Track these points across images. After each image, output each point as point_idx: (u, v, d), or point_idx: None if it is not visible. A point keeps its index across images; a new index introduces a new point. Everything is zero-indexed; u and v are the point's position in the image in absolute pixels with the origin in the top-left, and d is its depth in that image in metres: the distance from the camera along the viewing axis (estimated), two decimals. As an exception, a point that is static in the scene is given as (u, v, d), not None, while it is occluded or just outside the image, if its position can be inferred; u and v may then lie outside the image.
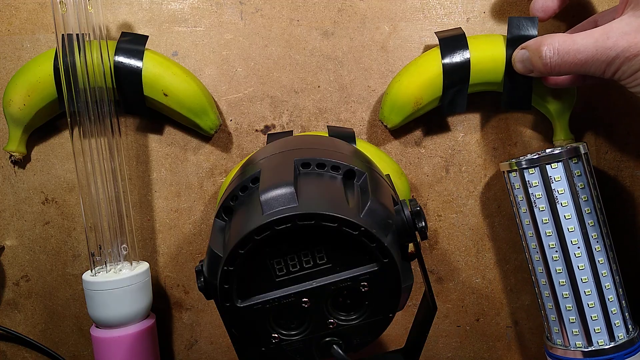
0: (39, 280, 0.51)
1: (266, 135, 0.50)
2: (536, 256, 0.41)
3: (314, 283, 0.29)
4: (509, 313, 0.52)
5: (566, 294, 0.39)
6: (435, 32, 0.47)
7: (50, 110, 0.47)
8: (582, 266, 0.38)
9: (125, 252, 0.46)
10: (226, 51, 0.50)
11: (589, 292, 0.38)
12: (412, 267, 0.31)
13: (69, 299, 0.51)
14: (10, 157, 0.49)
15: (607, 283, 0.39)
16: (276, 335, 0.30)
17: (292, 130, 0.49)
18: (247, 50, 0.50)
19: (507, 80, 0.45)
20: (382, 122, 0.48)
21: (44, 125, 0.49)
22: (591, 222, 0.39)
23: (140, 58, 0.45)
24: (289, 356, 0.31)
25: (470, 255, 0.51)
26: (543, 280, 0.40)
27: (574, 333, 0.39)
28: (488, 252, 0.51)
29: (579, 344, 0.38)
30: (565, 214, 0.38)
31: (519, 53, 0.42)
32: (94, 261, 0.45)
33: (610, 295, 0.39)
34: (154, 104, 0.47)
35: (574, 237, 0.38)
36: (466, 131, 0.50)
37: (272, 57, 0.50)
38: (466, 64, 0.45)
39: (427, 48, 0.49)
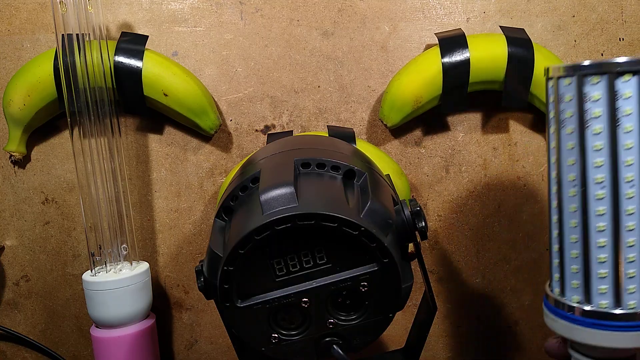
0: (39, 280, 0.51)
1: (266, 135, 0.50)
2: (571, 191, 0.32)
3: (314, 283, 0.29)
4: (509, 313, 0.52)
5: (602, 242, 0.31)
6: (435, 33, 0.48)
7: (50, 110, 0.47)
8: (630, 210, 0.30)
9: (125, 252, 0.46)
10: (226, 51, 0.50)
11: (631, 242, 0.30)
12: (412, 267, 0.31)
13: (69, 299, 0.51)
14: (10, 157, 0.49)
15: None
16: (276, 335, 0.30)
17: (292, 130, 0.49)
18: (247, 50, 0.49)
19: (508, 78, 0.45)
20: (382, 121, 0.48)
21: (44, 125, 0.49)
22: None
23: (140, 58, 0.45)
24: (289, 356, 0.31)
25: (470, 255, 0.51)
26: (573, 222, 0.32)
27: (600, 291, 0.31)
28: (488, 252, 0.51)
29: (604, 304, 0.31)
30: (626, 143, 0.29)
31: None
32: (94, 261, 0.45)
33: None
34: (154, 104, 0.47)
35: (629, 173, 0.30)
36: (466, 131, 0.50)
37: (272, 57, 0.50)
38: (466, 63, 0.45)
39: (427, 48, 0.49)
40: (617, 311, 0.30)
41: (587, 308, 0.31)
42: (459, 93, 0.46)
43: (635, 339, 0.30)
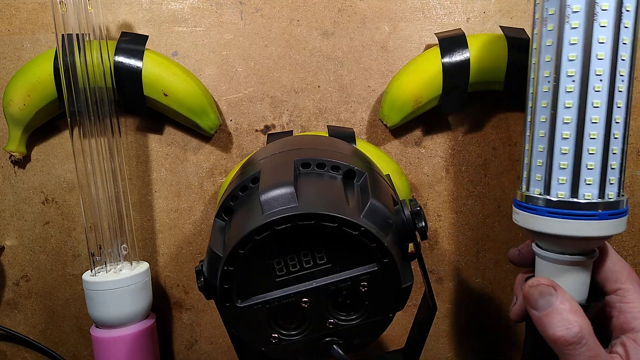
0: (39, 280, 0.51)
1: (266, 135, 0.50)
2: (545, 87, 0.33)
3: (314, 283, 0.29)
4: (509, 313, 0.52)
5: (567, 134, 0.32)
6: (435, 33, 0.48)
7: (50, 110, 0.47)
8: (597, 103, 0.32)
9: (125, 252, 0.46)
10: (226, 51, 0.50)
11: (594, 135, 0.32)
12: (412, 267, 0.31)
13: (69, 299, 0.51)
14: (10, 157, 0.49)
15: (617, 132, 0.32)
16: (276, 335, 0.30)
17: (292, 130, 0.49)
18: (247, 50, 0.50)
19: (508, 78, 0.45)
20: (382, 121, 0.48)
21: (44, 125, 0.49)
22: (624, 57, 0.32)
23: (140, 58, 0.45)
24: (289, 356, 0.31)
25: (470, 255, 0.51)
26: (543, 117, 0.34)
27: (560, 181, 0.33)
28: (488, 252, 0.51)
29: (562, 194, 0.33)
30: (600, 37, 0.31)
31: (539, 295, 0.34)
32: (94, 261, 0.45)
33: (616, 147, 0.32)
34: (154, 104, 0.47)
35: (599, 67, 0.31)
36: (466, 131, 0.50)
37: (272, 57, 0.50)
38: (466, 63, 0.45)
39: (427, 48, 0.49)
40: (574, 200, 0.32)
41: (546, 197, 0.33)
42: (459, 93, 0.46)
43: (590, 228, 0.32)
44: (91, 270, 0.45)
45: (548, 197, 0.33)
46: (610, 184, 0.33)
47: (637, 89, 0.50)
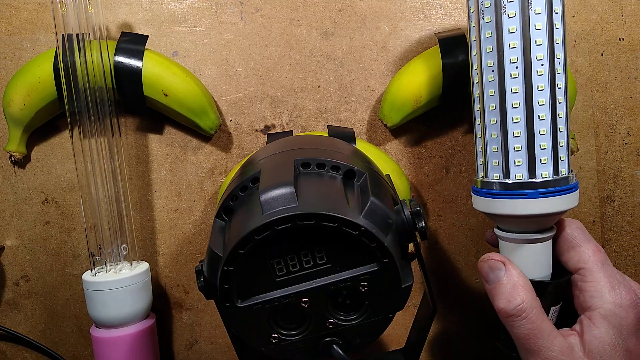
0: (39, 280, 0.51)
1: (266, 135, 0.50)
2: (490, 76, 0.35)
3: (314, 283, 0.29)
4: (509, 313, 0.52)
5: (517, 118, 0.34)
6: (435, 33, 0.48)
7: (50, 110, 0.47)
8: (541, 87, 0.34)
9: (125, 252, 0.46)
10: (226, 51, 0.50)
11: (543, 117, 0.34)
12: (412, 267, 0.31)
13: (69, 299, 0.51)
14: (10, 157, 0.49)
15: (561, 112, 0.34)
16: (276, 335, 0.30)
17: (292, 130, 0.49)
18: (247, 50, 0.49)
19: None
20: (382, 121, 0.48)
21: (44, 125, 0.49)
22: (558, 40, 0.34)
23: (140, 58, 0.45)
24: (289, 356, 0.31)
25: (470, 255, 0.51)
26: (492, 105, 0.35)
27: (517, 163, 0.34)
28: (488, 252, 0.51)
29: (520, 176, 0.34)
30: (537, 24, 0.33)
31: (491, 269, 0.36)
32: (94, 261, 0.45)
33: (562, 126, 0.34)
34: (154, 104, 0.47)
35: (540, 52, 0.33)
36: (466, 131, 0.50)
37: (272, 57, 0.50)
38: (466, 63, 0.45)
39: (427, 48, 0.49)
40: (532, 180, 0.34)
41: (505, 181, 0.34)
42: (459, 93, 0.46)
43: (548, 204, 0.33)
44: (91, 270, 0.45)
45: (507, 180, 0.34)
46: (561, 160, 0.34)
47: (638, 89, 0.50)
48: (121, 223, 0.45)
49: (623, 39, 0.50)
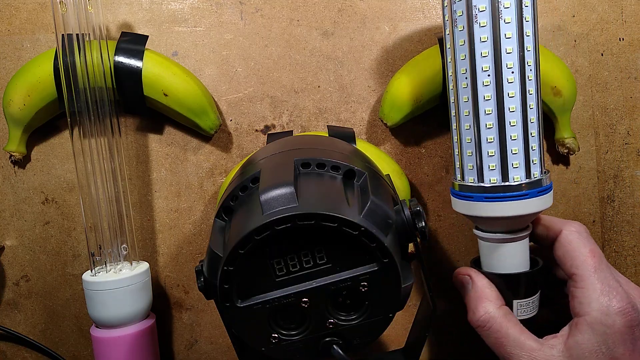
0: (39, 280, 0.51)
1: (266, 135, 0.50)
2: (463, 83, 0.36)
3: (314, 283, 0.29)
4: (509, 313, 0.52)
5: (490, 124, 0.35)
6: (435, 33, 0.48)
7: (50, 110, 0.47)
8: (512, 94, 0.35)
9: (125, 252, 0.46)
10: (226, 51, 0.50)
11: (514, 122, 0.35)
12: (412, 267, 0.31)
13: (69, 299, 0.51)
14: (10, 157, 0.49)
15: (532, 117, 0.36)
16: (276, 335, 0.30)
17: (292, 130, 0.49)
18: (247, 50, 0.49)
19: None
20: (382, 120, 0.48)
21: (44, 125, 0.49)
22: (529, 48, 0.35)
23: (140, 58, 0.45)
24: (289, 356, 0.31)
25: (470, 255, 0.51)
26: (466, 111, 0.36)
27: (491, 168, 0.36)
28: (488, 252, 0.51)
29: (494, 180, 0.36)
30: (507, 33, 0.34)
31: (460, 278, 0.39)
32: (94, 261, 0.45)
33: (533, 130, 0.36)
34: (154, 104, 0.47)
35: (510, 60, 0.35)
36: (466, 131, 0.50)
37: (272, 57, 0.50)
38: (466, 64, 0.45)
39: (427, 48, 0.49)
40: (506, 183, 0.35)
41: (480, 185, 0.36)
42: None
43: (522, 206, 0.35)
44: (91, 270, 0.45)
45: (482, 184, 0.36)
46: (534, 164, 0.36)
47: (638, 89, 0.50)
48: (121, 223, 0.45)
49: (623, 39, 0.50)
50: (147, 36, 0.47)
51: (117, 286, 0.43)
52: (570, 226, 0.36)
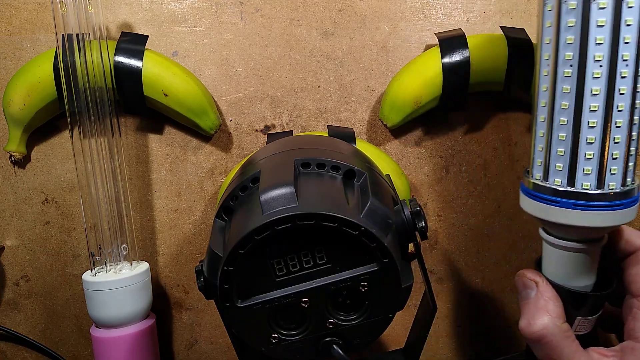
0: (39, 280, 0.51)
1: (266, 135, 0.50)
2: (545, 70, 0.32)
3: (314, 283, 0.29)
4: (509, 313, 0.52)
5: (564, 121, 0.31)
6: (435, 33, 0.48)
7: (50, 110, 0.47)
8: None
9: (125, 252, 0.46)
10: (226, 51, 0.50)
11: (593, 124, 0.30)
12: (412, 267, 0.31)
13: (69, 299, 0.51)
14: (10, 157, 0.49)
15: (620, 120, 0.31)
16: (276, 335, 0.30)
17: (292, 130, 0.49)
18: (247, 50, 0.50)
19: (508, 79, 0.45)
20: (382, 121, 0.48)
21: (44, 125, 0.49)
22: (627, 39, 0.29)
23: (140, 58, 0.45)
24: (289, 356, 0.31)
25: (470, 255, 0.51)
26: (543, 102, 0.32)
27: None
28: (488, 252, 0.51)
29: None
30: (599, 20, 0.29)
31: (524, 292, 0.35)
32: (94, 261, 0.45)
33: (618, 136, 0.31)
34: (154, 104, 0.47)
35: (599, 52, 0.29)
36: (466, 131, 0.50)
37: (272, 57, 0.50)
38: (466, 63, 0.45)
39: (427, 48, 0.49)
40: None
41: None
42: (459, 93, 0.46)
43: (613, 217, 0.31)
44: (91, 270, 0.45)
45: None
46: (612, 174, 0.31)
47: None
48: (121, 223, 0.45)
49: (623, 39, 0.50)
50: (147, 36, 0.47)
51: (117, 286, 0.43)
52: None
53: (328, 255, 0.29)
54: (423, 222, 0.30)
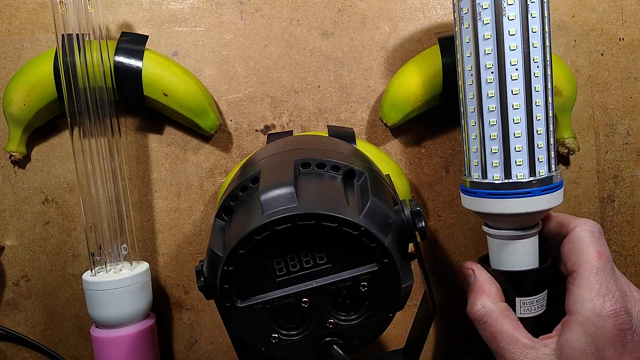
0: (39, 280, 0.51)
1: (266, 135, 0.50)
2: (469, 80, 0.37)
3: (314, 283, 0.29)
4: (509, 313, 0.52)
5: (493, 122, 0.35)
6: (435, 33, 0.48)
7: (50, 110, 0.47)
8: (515, 91, 0.35)
9: (125, 252, 0.46)
10: (226, 51, 0.50)
11: (517, 120, 0.35)
12: (412, 267, 0.31)
13: (69, 299, 0.51)
14: (10, 157, 0.49)
15: (539, 114, 0.35)
16: (276, 335, 0.30)
17: (292, 130, 0.49)
18: (247, 50, 0.49)
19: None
20: (382, 120, 0.48)
21: (44, 125, 0.49)
22: (535, 44, 0.35)
23: (140, 58, 0.45)
24: (289, 356, 0.31)
25: (470, 255, 0.51)
26: (472, 108, 0.37)
27: (494, 165, 0.36)
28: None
29: (497, 177, 0.36)
30: (510, 29, 0.34)
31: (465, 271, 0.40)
32: (94, 261, 0.45)
33: (540, 128, 0.35)
34: (154, 104, 0.47)
35: (513, 57, 0.35)
36: (466, 131, 0.50)
37: (272, 57, 0.50)
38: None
39: (427, 48, 0.49)
40: (508, 180, 0.35)
41: (485, 181, 0.36)
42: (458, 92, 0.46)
43: (526, 204, 0.35)
44: (91, 270, 0.45)
45: (486, 180, 0.36)
46: (539, 161, 0.36)
47: (638, 89, 0.50)
48: (121, 223, 0.45)
49: (623, 39, 0.50)
50: (147, 36, 0.47)
51: (117, 286, 0.43)
52: (585, 224, 0.36)
53: (328, 255, 0.29)
54: (423, 222, 0.31)
